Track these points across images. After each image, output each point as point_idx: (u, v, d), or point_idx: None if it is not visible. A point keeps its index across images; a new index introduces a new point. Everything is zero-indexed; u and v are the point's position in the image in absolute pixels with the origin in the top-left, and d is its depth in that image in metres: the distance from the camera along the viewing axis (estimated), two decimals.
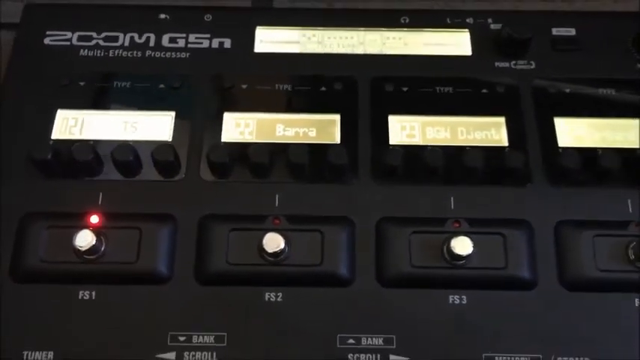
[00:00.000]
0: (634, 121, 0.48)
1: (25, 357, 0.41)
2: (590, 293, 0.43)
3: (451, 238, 0.42)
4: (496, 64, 0.50)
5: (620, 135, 0.47)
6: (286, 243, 0.43)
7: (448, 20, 0.52)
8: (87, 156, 0.45)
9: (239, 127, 0.48)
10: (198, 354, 0.41)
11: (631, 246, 0.43)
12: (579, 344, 0.42)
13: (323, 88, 0.49)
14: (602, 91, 0.49)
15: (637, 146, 0.47)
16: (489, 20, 0.52)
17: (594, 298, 0.43)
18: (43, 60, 0.50)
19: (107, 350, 0.41)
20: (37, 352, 0.41)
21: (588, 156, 0.46)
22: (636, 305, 0.43)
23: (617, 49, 0.51)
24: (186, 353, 0.41)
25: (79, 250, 0.42)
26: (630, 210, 0.45)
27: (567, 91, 0.49)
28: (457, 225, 0.44)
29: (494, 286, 0.43)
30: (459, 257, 0.42)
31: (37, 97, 0.48)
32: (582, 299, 0.43)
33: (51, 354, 0.41)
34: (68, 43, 0.51)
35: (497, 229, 0.44)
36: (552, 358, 0.41)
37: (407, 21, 0.52)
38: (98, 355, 0.41)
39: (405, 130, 0.48)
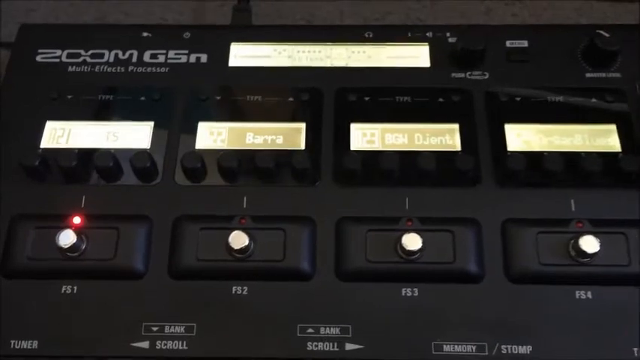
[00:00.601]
0: (580, 127, 0.51)
1: (12, 346, 0.45)
2: (533, 286, 0.46)
3: (403, 234, 0.46)
4: (452, 74, 0.54)
5: (567, 140, 0.51)
6: (251, 240, 0.46)
7: (409, 34, 0.56)
8: (70, 163, 0.49)
9: (212, 135, 0.52)
10: (169, 343, 0.45)
11: (572, 242, 0.46)
12: (522, 333, 0.45)
13: (290, 99, 0.53)
14: (551, 98, 0.52)
15: (582, 150, 0.50)
16: (447, 34, 0.55)
17: (537, 290, 0.46)
18: (35, 75, 0.54)
19: (86, 339, 0.45)
20: (23, 342, 0.45)
21: (535, 159, 0.49)
22: (576, 297, 0.46)
23: (566, 59, 0.54)
24: (158, 342, 0.45)
25: (61, 248, 0.46)
26: (573, 209, 0.48)
27: (518, 99, 0.52)
28: (410, 223, 0.47)
29: (444, 279, 0.46)
30: (410, 252, 0.46)
31: (28, 109, 0.53)
32: (526, 292, 0.46)
33: (35, 343, 0.45)
34: (58, 60, 0.55)
35: (446, 227, 0.47)
36: (496, 345, 0.45)
37: (371, 35, 0.56)
38: (78, 343, 0.45)
39: (366, 136, 0.51)
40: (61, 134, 0.52)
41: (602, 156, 0.49)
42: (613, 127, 0.51)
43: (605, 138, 0.51)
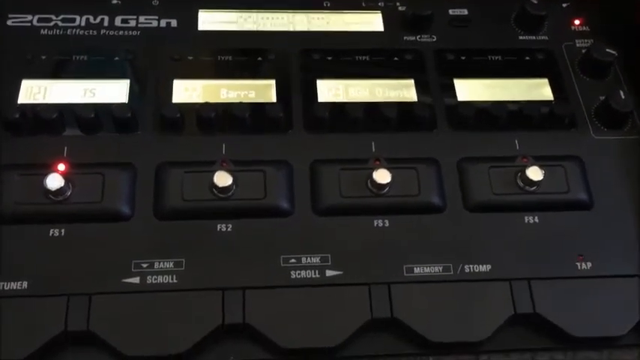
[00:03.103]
0: (518, 80, 0.58)
1: (1, 287, 0.46)
2: (487, 213, 0.52)
3: (373, 170, 0.50)
4: (404, 37, 0.60)
5: (508, 91, 0.57)
6: (234, 181, 0.49)
7: (363, 4, 0.61)
8: (51, 115, 0.51)
9: (187, 91, 0.55)
10: (160, 277, 0.47)
11: (518, 174, 0.52)
12: (481, 254, 0.50)
13: (259, 59, 0.57)
14: (490, 57, 0.59)
15: (521, 99, 0.56)
16: (397, 3, 0.61)
17: (491, 217, 0.51)
18: (7, 38, 0.56)
19: (77, 278, 0.46)
20: (13, 283, 0.46)
21: (481, 107, 0.55)
22: (525, 222, 0.52)
23: (502, 25, 0.61)
24: (149, 277, 0.47)
25: (49, 191, 0.47)
26: (517, 148, 0.54)
27: (463, 58, 0.59)
28: (377, 162, 0.52)
29: (411, 210, 0.51)
30: (381, 186, 0.50)
31: (3, 69, 0.54)
32: (482, 219, 0.51)
33: (25, 283, 0.46)
34: (29, 24, 0.57)
35: (410, 165, 0.52)
36: (460, 266, 0.50)
37: (328, 5, 0.61)
38: (69, 282, 0.46)
39: (331, 90, 0.56)
40: (38, 91, 0.53)
41: (538, 103, 0.56)
42: (545, 80, 0.58)
43: (539, 89, 0.58)
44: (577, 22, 0.62)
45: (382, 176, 0.50)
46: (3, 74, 0.54)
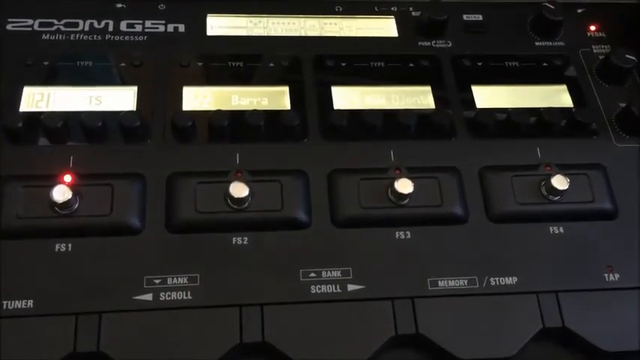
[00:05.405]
0: (538, 87, 0.56)
1: (4, 307, 0.43)
2: (511, 224, 0.50)
3: (394, 180, 0.48)
4: (419, 43, 0.58)
5: (526, 98, 0.56)
6: (249, 191, 0.47)
7: (376, 9, 0.60)
8: (56, 123, 0.48)
9: (197, 98, 0.52)
10: (173, 294, 0.45)
11: (542, 183, 0.51)
12: (506, 266, 0.48)
13: (271, 65, 0.55)
14: (507, 63, 0.58)
15: (541, 106, 0.55)
16: (410, 8, 0.60)
17: (515, 228, 0.50)
18: (7, 43, 0.53)
19: (85, 296, 0.44)
20: (17, 302, 0.43)
21: (501, 114, 0.54)
22: (550, 232, 0.50)
23: (518, 30, 0.60)
24: (162, 293, 0.45)
25: (55, 203, 0.45)
26: (539, 156, 0.53)
27: (480, 64, 0.57)
28: (398, 172, 0.50)
29: (433, 221, 0.49)
30: (403, 196, 0.48)
31: (3, 75, 0.51)
32: (505, 229, 0.50)
33: (30, 302, 0.43)
34: (30, 28, 0.54)
35: (431, 174, 0.50)
36: (486, 279, 0.48)
37: (341, 9, 0.59)
38: (78, 300, 0.44)
39: (347, 97, 0.54)
40: (40, 99, 0.51)
41: (558, 110, 0.54)
42: (564, 87, 0.57)
43: (558, 96, 0.56)
44: (593, 27, 0.61)
45: (404, 186, 0.48)
46: (3, 81, 0.51)
